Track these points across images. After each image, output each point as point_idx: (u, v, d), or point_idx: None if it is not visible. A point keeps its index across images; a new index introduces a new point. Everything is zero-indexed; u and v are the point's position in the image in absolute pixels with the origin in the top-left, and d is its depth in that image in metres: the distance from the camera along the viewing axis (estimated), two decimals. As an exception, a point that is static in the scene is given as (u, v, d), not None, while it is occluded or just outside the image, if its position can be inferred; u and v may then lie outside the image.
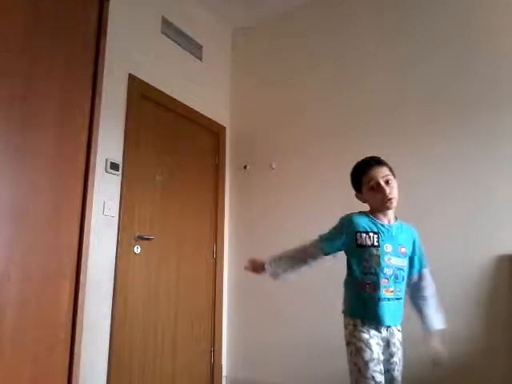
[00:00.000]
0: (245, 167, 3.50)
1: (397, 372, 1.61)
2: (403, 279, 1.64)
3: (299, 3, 3.45)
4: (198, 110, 3.29)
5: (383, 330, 1.60)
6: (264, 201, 3.34)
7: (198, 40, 3.39)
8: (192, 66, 3.32)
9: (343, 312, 1.72)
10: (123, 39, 2.68)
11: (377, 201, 1.66)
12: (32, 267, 2.00)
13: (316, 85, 3.30)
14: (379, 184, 1.63)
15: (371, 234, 1.64)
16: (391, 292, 1.60)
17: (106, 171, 2.46)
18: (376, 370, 1.51)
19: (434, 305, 1.69)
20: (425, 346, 1.65)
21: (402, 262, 1.64)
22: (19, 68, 2.03)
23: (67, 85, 2.26)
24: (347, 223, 1.71)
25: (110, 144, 2.51)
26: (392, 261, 1.61)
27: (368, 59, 3.11)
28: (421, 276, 1.73)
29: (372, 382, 1.50)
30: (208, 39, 3.51)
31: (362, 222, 1.68)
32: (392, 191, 1.64)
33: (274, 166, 3.34)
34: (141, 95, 2.78)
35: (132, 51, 2.76)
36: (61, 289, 2.12)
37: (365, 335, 1.58)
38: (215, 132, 3.48)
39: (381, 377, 1.52)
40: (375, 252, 1.62)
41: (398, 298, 1.62)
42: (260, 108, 3.54)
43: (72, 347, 2.12)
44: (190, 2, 3.38)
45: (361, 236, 1.65)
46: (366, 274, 1.62)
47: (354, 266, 1.67)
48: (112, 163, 2.49)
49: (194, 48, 3.35)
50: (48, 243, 2.08)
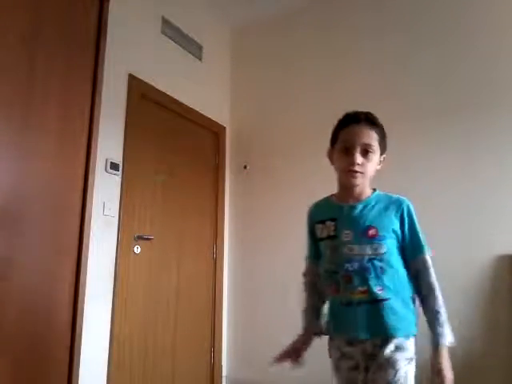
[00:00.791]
0: (245, 167, 3.50)
1: None
2: (385, 272, 1.24)
3: (299, 3, 3.45)
4: (198, 110, 3.29)
5: (364, 345, 1.24)
6: (264, 201, 3.34)
7: (198, 40, 3.39)
8: (192, 66, 3.31)
9: None
10: (123, 39, 2.68)
11: (341, 167, 1.37)
12: (32, 267, 2.00)
13: (316, 84, 3.30)
14: (352, 149, 1.30)
15: (328, 223, 1.34)
16: (363, 293, 1.23)
17: (106, 171, 2.46)
18: None
19: (436, 310, 1.24)
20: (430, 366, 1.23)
21: (375, 250, 1.24)
22: (19, 68, 2.03)
23: (67, 85, 2.26)
24: (308, 217, 1.46)
25: (110, 144, 2.51)
26: (355, 251, 1.25)
27: (368, 59, 3.11)
28: (416, 266, 1.29)
29: None
30: (208, 39, 3.51)
31: (320, 210, 1.41)
32: (364, 165, 1.29)
33: (274, 166, 3.34)
34: (141, 95, 2.78)
35: (132, 51, 2.75)
36: (61, 289, 2.12)
37: (335, 354, 1.32)
38: (215, 132, 3.48)
39: None
40: (332, 244, 1.31)
41: (382, 300, 1.22)
42: (260, 108, 3.54)
43: (72, 347, 2.12)
44: (190, 2, 3.38)
45: (318, 228, 1.39)
46: (328, 274, 1.32)
47: (321, 267, 1.38)
48: (112, 163, 2.49)
49: (194, 48, 3.35)
50: (48, 243, 2.08)
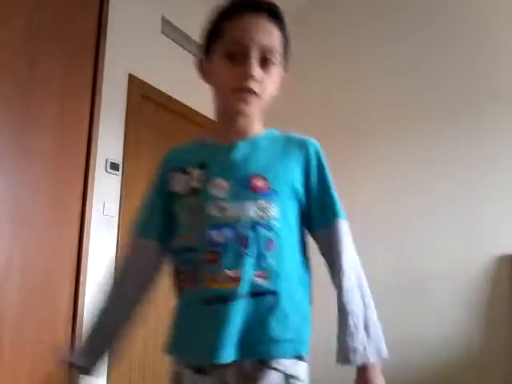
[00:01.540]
0: (245, 167, 3.49)
1: None
2: (275, 248, 0.79)
3: (299, 4, 3.45)
4: (198, 110, 3.28)
5: (224, 373, 0.77)
6: (264, 201, 3.33)
7: (198, 40, 3.38)
8: (192, 66, 3.29)
9: None
10: (123, 39, 2.68)
11: (224, 84, 0.89)
12: (32, 267, 2.00)
13: (316, 84, 3.30)
14: (245, 54, 0.85)
15: (192, 171, 0.86)
16: (233, 281, 0.75)
17: (106, 171, 2.46)
18: None
19: (351, 309, 0.83)
20: None
21: (262, 212, 0.79)
22: (19, 68, 2.04)
23: (67, 85, 2.26)
24: (158, 165, 0.97)
25: (110, 144, 2.51)
26: (229, 211, 0.78)
27: (370, 61, 3.11)
28: (326, 238, 0.88)
29: None
30: (208, 39, 3.51)
31: (182, 154, 0.95)
32: (263, 82, 0.87)
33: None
34: (141, 95, 2.78)
35: (132, 51, 2.75)
36: (61, 289, 2.12)
37: None
38: (215, 132, 3.48)
39: None
40: (194, 202, 0.82)
41: (264, 293, 0.77)
42: (260, 108, 3.54)
43: (72, 347, 2.12)
44: (190, 2, 3.38)
45: (173, 178, 0.90)
46: (182, 255, 0.83)
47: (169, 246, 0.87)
48: (112, 163, 2.49)
49: (194, 48, 3.34)
50: (48, 243, 2.08)
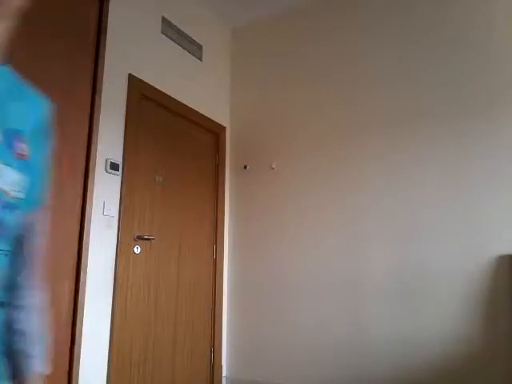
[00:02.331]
0: (245, 167, 3.50)
1: None
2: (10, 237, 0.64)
3: (299, 4, 3.45)
4: (198, 110, 3.29)
5: None
6: (264, 201, 3.34)
7: (198, 40, 3.39)
8: (192, 66, 3.32)
9: None
10: (123, 39, 2.68)
11: None
12: (32, 267, 2.00)
13: (316, 85, 3.30)
14: None
15: None
16: None
17: (106, 171, 2.46)
18: None
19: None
20: None
21: (13, 185, 0.62)
22: (19, 68, 2.03)
23: (67, 85, 2.26)
24: None
25: (110, 144, 2.51)
26: None
27: (369, 61, 3.11)
28: (30, 223, 0.69)
29: None
30: (208, 39, 3.51)
31: None
32: None
33: (274, 166, 3.34)
34: (141, 95, 2.78)
35: (132, 51, 2.75)
36: (61, 289, 2.12)
37: None
38: (215, 132, 3.48)
39: None
40: None
41: None
42: (260, 108, 3.54)
43: (72, 347, 2.12)
44: (190, 2, 3.38)
45: None
46: None
47: None
48: (112, 163, 2.49)
49: (194, 48, 3.35)
50: (48, 243, 2.08)
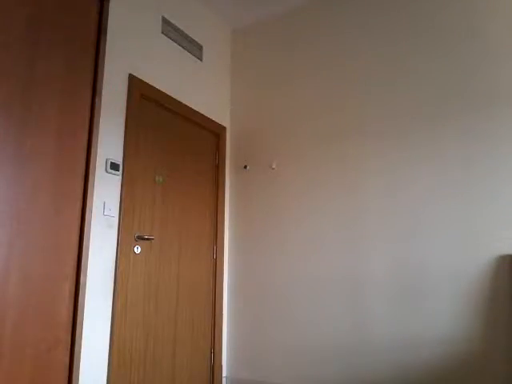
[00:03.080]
0: (245, 167, 3.50)
1: None
2: None
3: (300, 3, 3.46)
4: (198, 110, 3.29)
5: None
6: (264, 201, 3.34)
7: (198, 40, 3.39)
8: (192, 66, 3.32)
9: None
10: (123, 39, 2.68)
11: None
12: (32, 267, 2.00)
13: (316, 85, 3.30)
14: None
15: None
16: None
17: (106, 171, 2.46)
18: None
19: None
20: None
21: None
22: (19, 68, 2.04)
23: (67, 85, 2.26)
24: None
25: (110, 144, 2.51)
26: None
27: (369, 61, 3.11)
28: None
29: None
30: (208, 39, 3.51)
31: None
32: None
33: (274, 166, 3.34)
34: (141, 95, 2.78)
35: (132, 51, 2.75)
36: (61, 289, 2.12)
37: None
38: (215, 132, 3.48)
39: None
40: None
41: None
42: (260, 108, 3.54)
43: (72, 347, 2.13)
44: (190, 2, 3.38)
45: None
46: None
47: None
48: (112, 163, 2.49)
49: (194, 48, 3.35)
50: (48, 243, 2.08)
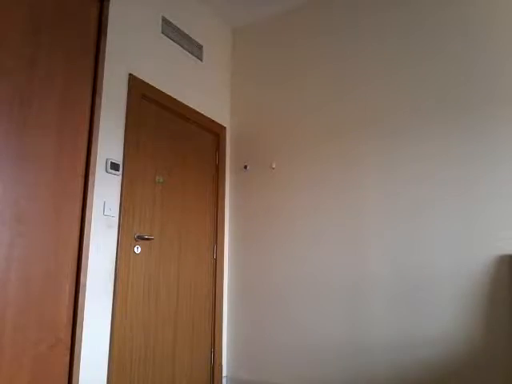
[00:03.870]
0: (245, 167, 3.50)
1: None
2: None
3: (299, 3, 3.45)
4: (198, 110, 3.29)
5: None
6: (264, 201, 3.34)
7: (198, 40, 3.39)
8: (192, 66, 3.32)
9: None
10: (123, 39, 2.68)
11: None
12: (32, 267, 2.00)
13: (316, 85, 3.30)
14: None
15: None
16: None
17: (106, 171, 2.46)
18: None
19: None
20: None
21: None
22: (19, 68, 2.04)
23: (67, 85, 2.26)
24: None
25: (110, 144, 2.51)
26: None
27: (368, 60, 3.11)
28: None
29: None
30: (208, 39, 3.51)
31: None
32: None
33: (274, 166, 3.34)
34: (141, 95, 2.78)
35: (132, 51, 2.75)
36: (61, 289, 2.12)
37: None
38: (215, 132, 3.48)
39: None
40: None
41: None
42: (260, 108, 3.54)
43: (72, 347, 2.13)
44: (190, 2, 3.38)
45: None
46: None
47: None
48: (112, 163, 2.49)
49: (194, 48, 3.35)
50: (48, 243, 2.08)
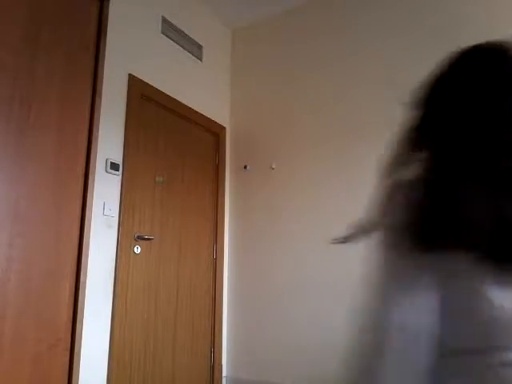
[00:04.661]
0: (245, 167, 3.50)
1: None
2: None
3: (299, 3, 3.45)
4: (198, 110, 3.29)
5: None
6: (264, 201, 3.34)
7: (198, 40, 3.39)
8: (192, 66, 3.32)
9: None
10: (123, 39, 2.68)
11: None
12: (32, 267, 2.00)
13: (316, 85, 3.30)
14: None
15: None
16: None
17: (106, 171, 2.46)
18: None
19: None
20: None
21: None
22: (19, 68, 2.04)
23: (67, 85, 2.26)
24: None
25: (110, 144, 2.51)
26: None
27: (368, 60, 3.11)
28: None
29: None
30: (208, 39, 3.51)
31: None
32: None
33: (274, 166, 3.34)
34: (141, 95, 2.78)
35: (132, 51, 2.75)
36: (61, 289, 2.12)
37: None
38: (215, 132, 3.48)
39: None
40: None
41: None
42: (260, 108, 3.54)
43: (72, 347, 2.13)
44: (190, 2, 3.38)
45: None
46: None
47: None
48: (112, 163, 2.49)
49: (194, 48, 3.35)
50: (48, 243, 2.08)
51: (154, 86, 2.89)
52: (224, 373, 3.23)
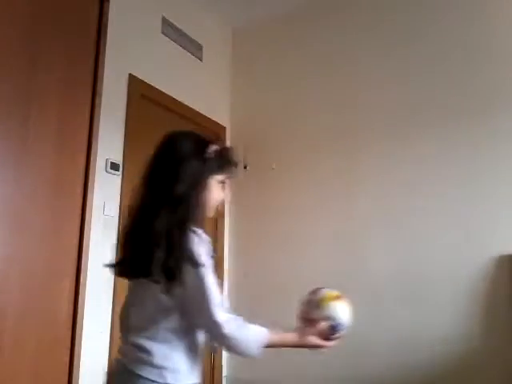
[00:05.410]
0: (245, 167, 3.50)
1: None
2: None
3: (300, 4, 3.45)
4: (198, 110, 3.29)
5: None
6: (264, 201, 3.34)
7: (198, 40, 3.39)
8: (192, 66, 3.31)
9: None
10: (123, 39, 2.68)
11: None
12: (32, 267, 2.00)
13: (316, 85, 3.30)
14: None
15: None
16: None
17: (106, 171, 2.46)
18: None
19: None
20: None
21: None
22: (19, 68, 2.04)
23: (67, 85, 2.26)
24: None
25: (110, 144, 2.51)
26: None
27: (369, 61, 3.11)
28: None
29: None
30: (208, 39, 3.51)
31: None
32: None
33: (274, 166, 3.34)
34: (141, 95, 2.78)
35: (132, 51, 2.75)
36: (61, 288, 2.12)
37: None
38: (215, 132, 3.48)
39: None
40: None
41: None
42: (260, 108, 3.54)
43: (72, 346, 2.13)
44: (190, 2, 3.38)
45: None
46: None
47: None
48: (112, 163, 2.49)
49: (194, 48, 3.35)
50: (48, 243, 2.08)
51: (154, 86, 2.89)
52: (224, 373, 3.22)
